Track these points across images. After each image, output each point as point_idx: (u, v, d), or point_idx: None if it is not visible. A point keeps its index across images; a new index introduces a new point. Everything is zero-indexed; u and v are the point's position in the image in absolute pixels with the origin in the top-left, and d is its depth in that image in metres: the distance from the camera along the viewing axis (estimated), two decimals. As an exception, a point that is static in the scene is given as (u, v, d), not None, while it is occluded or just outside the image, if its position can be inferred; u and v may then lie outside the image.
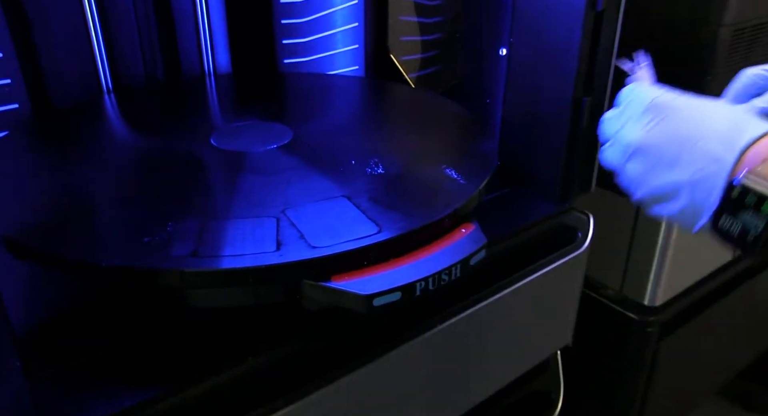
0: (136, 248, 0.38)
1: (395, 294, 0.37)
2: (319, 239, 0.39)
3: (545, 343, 0.63)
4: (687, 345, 1.01)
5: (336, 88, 0.71)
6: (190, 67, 0.73)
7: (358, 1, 0.79)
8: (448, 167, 0.49)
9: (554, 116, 0.58)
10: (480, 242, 0.42)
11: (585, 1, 0.52)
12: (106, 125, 0.59)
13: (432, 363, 0.50)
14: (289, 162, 0.50)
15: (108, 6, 0.66)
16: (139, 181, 0.49)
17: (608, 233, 0.91)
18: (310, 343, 0.43)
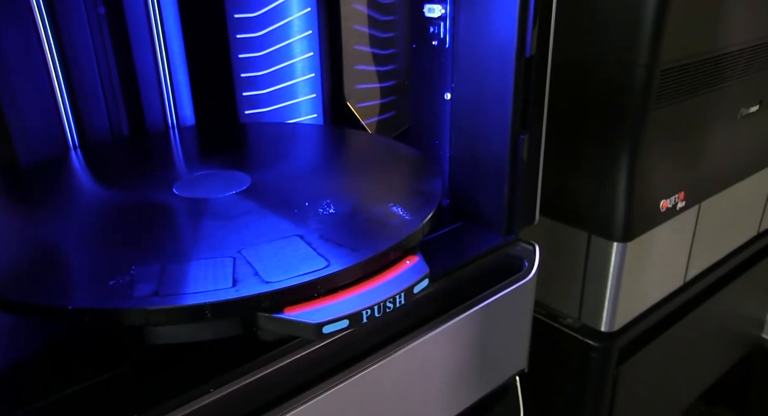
0: (101, 291, 0.41)
1: (343, 321, 0.40)
2: (272, 275, 0.42)
3: (500, 369, 0.66)
4: (646, 369, 1.05)
5: (294, 135, 0.75)
6: (155, 121, 0.77)
7: (315, 54, 0.84)
8: (394, 205, 0.53)
9: (495, 154, 0.62)
10: (422, 272, 0.45)
11: (515, 49, 0.58)
12: (73, 180, 0.62)
13: (388, 390, 0.53)
14: (246, 206, 0.54)
15: (72, 64, 0.69)
16: (104, 231, 0.51)
17: (564, 263, 0.95)
18: (269, 373, 0.45)
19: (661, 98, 0.81)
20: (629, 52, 0.77)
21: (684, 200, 0.94)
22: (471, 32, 0.62)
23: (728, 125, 0.97)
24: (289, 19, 0.81)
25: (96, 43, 0.70)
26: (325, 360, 0.48)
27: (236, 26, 0.78)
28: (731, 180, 1.04)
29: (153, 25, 0.72)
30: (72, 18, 0.67)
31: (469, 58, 0.63)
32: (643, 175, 0.85)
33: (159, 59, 0.75)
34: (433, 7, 0.65)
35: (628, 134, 0.82)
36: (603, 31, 0.79)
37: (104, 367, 0.44)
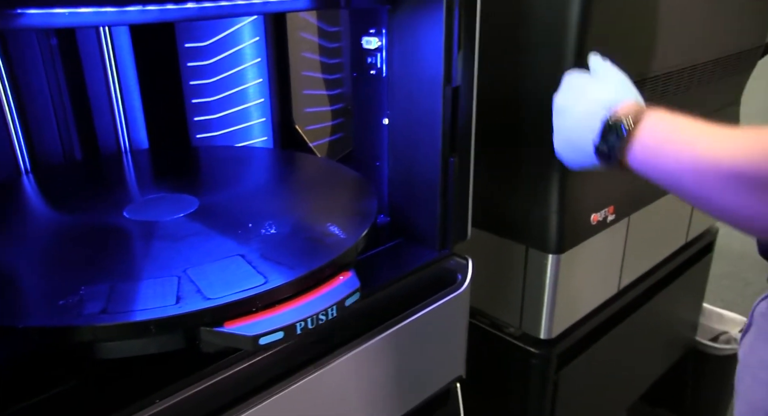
0: (51, 310, 0.44)
1: (278, 333, 0.44)
2: (213, 292, 0.46)
3: (439, 375, 0.71)
4: (586, 373, 1.11)
5: (243, 159, 0.79)
6: (108, 145, 0.80)
7: (264, 80, 0.88)
8: (332, 224, 0.57)
9: (428, 175, 0.67)
10: (353, 287, 0.50)
11: (442, 79, 0.63)
12: (25, 203, 0.65)
13: (329, 397, 0.57)
14: (193, 228, 0.57)
15: (23, 89, 0.72)
16: (56, 252, 0.54)
17: (505, 275, 1.01)
18: (212, 384, 0.49)
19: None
20: (554, 78, 0.83)
21: (614, 213, 1.01)
22: (404, 63, 0.67)
23: (653, 143, 1.05)
24: (239, 47, 0.85)
25: (48, 72, 0.73)
26: (266, 370, 0.52)
27: (187, 55, 0.82)
28: (658, 194, 1.11)
29: (105, 54, 0.76)
30: (24, 48, 0.69)
31: (402, 86, 0.68)
32: (574, 191, 0.91)
33: (111, 86, 0.78)
34: (370, 39, 0.70)
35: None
36: (530, 57, 0.85)
37: (54, 382, 0.47)
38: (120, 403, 0.45)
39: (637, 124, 0.54)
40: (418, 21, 0.63)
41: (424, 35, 0.64)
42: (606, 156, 0.56)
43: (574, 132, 0.60)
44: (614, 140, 0.55)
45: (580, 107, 0.60)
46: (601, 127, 0.56)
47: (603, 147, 0.56)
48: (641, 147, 0.54)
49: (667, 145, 0.52)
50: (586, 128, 0.58)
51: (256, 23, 0.84)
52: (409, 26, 0.65)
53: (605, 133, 0.56)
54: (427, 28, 0.63)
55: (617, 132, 0.55)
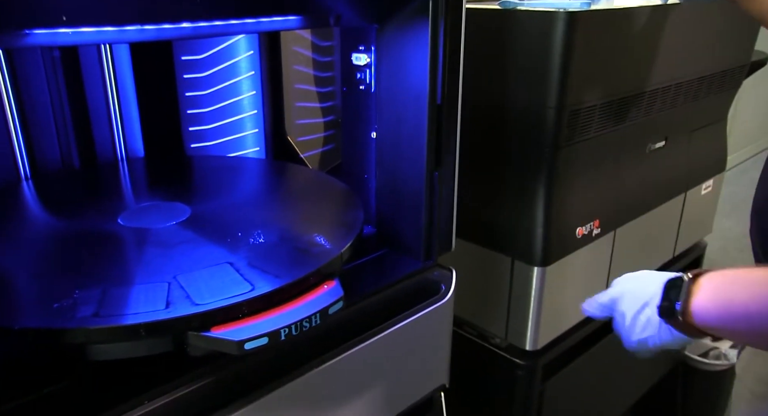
0: (46, 312, 0.46)
1: (263, 339, 0.46)
2: (202, 298, 0.48)
3: (422, 382, 0.73)
4: (571, 385, 1.13)
5: (235, 169, 0.81)
6: (105, 153, 0.82)
7: (257, 92, 0.91)
8: (318, 235, 0.59)
9: (413, 187, 0.70)
10: (337, 295, 0.52)
11: (427, 96, 0.65)
12: (24, 209, 0.67)
13: (313, 402, 0.59)
14: (185, 236, 0.59)
15: (25, 98, 0.74)
16: (51, 258, 0.57)
17: (492, 286, 1.03)
18: (198, 387, 0.51)
19: (571, 136, 0.90)
20: (539, 96, 0.86)
21: (599, 227, 1.03)
22: (391, 80, 0.69)
23: (638, 159, 1.07)
24: (234, 60, 0.87)
25: (50, 82, 0.75)
26: (251, 376, 0.54)
27: (183, 67, 0.85)
28: (643, 208, 1.14)
29: (105, 66, 0.78)
30: (27, 60, 0.72)
31: (390, 102, 0.70)
32: (559, 205, 0.94)
33: (110, 97, 0.80)
34: (359, 55, 0.72)
35: (543, 168, 0.90)
36: (516, 77, 0.88)
37: (47, 382, 0.49)
38: (110, 404, 0.47)
39: (697, 278, 0.55)
40: (405, 40, 0.66)
41: (410, 53, 0.66)
42: (668, 311, 0.56)
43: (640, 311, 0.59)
44: (675, 295, 0.55)
45: (639, 292, 0.60)
46: (663, 288, 0.57)
47: (665, 303, 0.56)
48: (706, 296, 0.53)
49: (734, 287, 0.52)
50: (653, 299, 0.58)
51: (250, 38, 0.87)
52: (397, 44, 0.67)
53: (667, 291, 0.56)
54: (414, 46, 0.65)
55: (678, 286, 0.55)
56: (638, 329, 0.59)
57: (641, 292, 0.59)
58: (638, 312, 0.59)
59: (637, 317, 0.59)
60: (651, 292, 0.58)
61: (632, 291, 0.61)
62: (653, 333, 0.58)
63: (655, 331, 0.58)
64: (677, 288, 0.55)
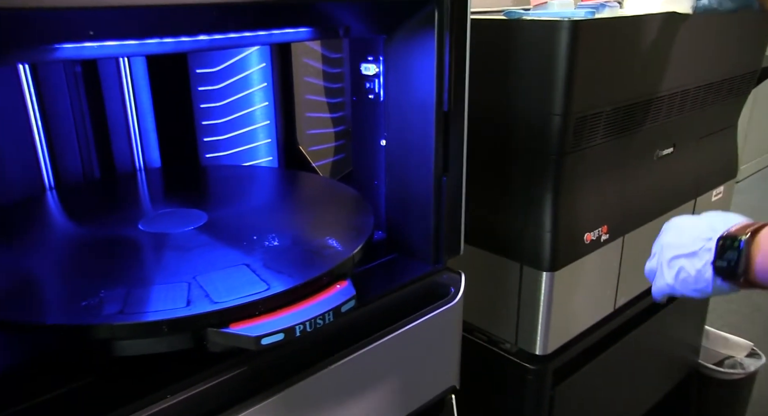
0: (75, 310, 0.48)
1: (279, 335, 0.49)
2: (220, 296, 0.50)
3: (433, 383, 0.74)
4: (582, 390, 1.13)
5: (249, 177, 0.84)
6: (124, 164, 0.85)
7: (270, 103, 0.93)
8: (330, 238, 0.62)
9: (422, 193, 0.72)
10: (349, 294, 0.54)
11: (434, 104, 0.68)
12: (50, 217, 0.70)
13: (326, 400, 0.61)
14: (202, 240, 0.62)
15: (49, 112, 0.77)
16: (78, 261, 0.59)
17: (501, 292, 1.05)
18: (215, 384, 0.53)
19: (578, 142, 0.92)
20: (545, 104, 0.88)
21: (607, 233, 1.05)
22: (399, 89, 0.72)
23: (646, 165, 1.09)
24: (247, 72, 0.91)
25: (72, 97, 0.79)
26: (266, 373, 0.56)
27: (198, 79, 0.88)
28: (652, 214, 1.15)
29: (124, 80, 0.81)
30: (52, 75, 0.75)
31: (398, 110, 0.73)
32: (566, 211, 0.95)
33: (128, 109, 0.83)
34: (368, 65, 0.75)
35: (550, 175, 0.92)
36: (522, 85, 0.90)
37: (74, 377, 0.51)
38: (133, 398, 0.49)
39: (755, 235, 0.54)
40: (412, 49, 0.68)
41: (417, 63, 0.69)
42: (727, 272, 0.56)
43: (687, 261, 0.59)
44: (733, 256, 0.54)
45: (686, 238, 0.59)
46: (716, 246, 0.56)
47: (722, 263, 0.56)
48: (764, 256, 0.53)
49: None
50: (700, 253, 0.57)
51: (262, 50, 0.90)
52: (404, 54, 0.70)
53: (721, 251, 0.56)
54: (420, 56, 0.67)
55: (735, 245, 0.54)
56: (674, 279, 0.59)
57: (684, 241, 0.59)
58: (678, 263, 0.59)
59: (678, 268, 0.59)
60: (695, 245, 0.57)
61: (674, 242, 0.60)
62: (699, 287, 0.58)
63: (701, 285, 0.57)
64: (734, 249, 0.54)
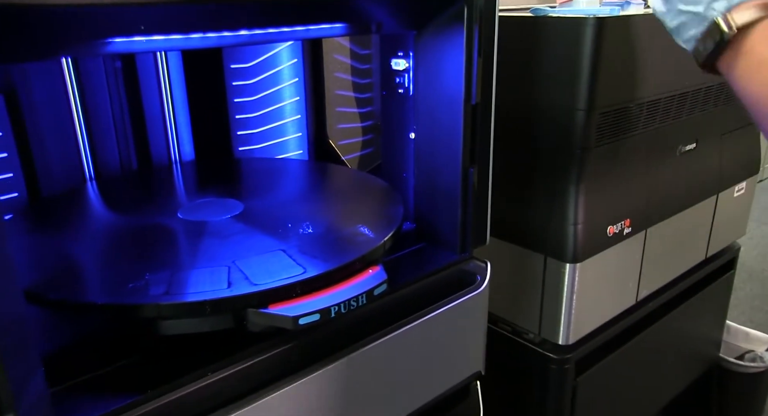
0: (123, 291, 0.51)
1: (315, 315, 0.51)
2: (259, 279, 0.53)
3: (459, 369, 0.76)
4: (605, 381, 1.15)
5: (282, 169, 0.87)
6: (160, 157, 0.88)
7: (301, 98, 0.96)
8: (362, 226, 0.64)
9: (450, 184, 0.74)
10: (381, 279, 0.56)
11: (462, 97, 0.70)
12: (92, 206, 0.73)
13: (355, 381, 0.63)
14: (239, 227, 0.65)
15: (90, 106, 0.81)
16: (122, 247, 0.62)
17: (525, 283, 1.06)
18: (254, 364, 0.55)
19: (602, 137, 0.93)
20: (569, 99, 0.90)
21: (630, 227, 1.06)
22: (428, 83, 0.74)
23: (668, 161, 1.10)
24: (279, 68, 0.93)
25: (112, 92, 0.82)
26: (303, 351, 0.59)
27: (232, 75, 0.91)
28: (675, 209, 1.15)
29: (161, 75, 0.84)
30: (93, 71, 0.78)
31: (427, 104, 0.75)
32: (589, 204, 0.97)
33: (165, 104, 0.86)
34: (398, 61, 0.77)
35: (573, 169, 0.94)
36: (546, 80, 0.92)
37: (120, 356, 0.54)
38: (176, 375, 0.52)
39: (745, 30, 0.48)
40: (442, 45, 0.70)
41: (446, 57, 0.71)
42: (698, 56, 0.52)
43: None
44: (710, 45, 0.50)
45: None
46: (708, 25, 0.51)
47: (700, 47, 0.51)
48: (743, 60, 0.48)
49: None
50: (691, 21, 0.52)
51: (294, 46, 0.92)
52: (433, 49, 0.72)
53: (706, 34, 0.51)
54: (449, 51, 0.69)
55: (719, 34, 0.49)
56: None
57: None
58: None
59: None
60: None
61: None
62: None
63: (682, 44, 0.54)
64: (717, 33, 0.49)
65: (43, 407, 0.44)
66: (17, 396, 0.41)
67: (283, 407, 0.56)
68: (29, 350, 0.43)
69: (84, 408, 0.48)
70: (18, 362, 0.42)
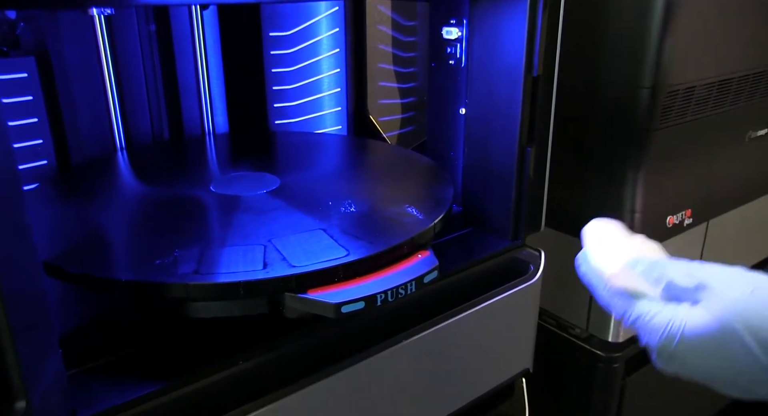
0: (149, 268, 0.46)
1: (359, 303, 0.46)
2: (298, 260, 0.48)
3: (506, 366, 0.70)
4: (655, 382, 1.08)
5: (322, 144, 0.81)
6: (192, 127, 0.84)
7: (341, 70, 0.90)
8: (409, 206, 0.58)
9: (504, 164, 0.68)
10: (432, 264, 0.51)
11: (523, 69, 0.63)
12: (122, 176, 0.69)
13: (399, 376, 0.58)
14: (276, 204, 0.59)
15: (123, 76, 0.76)
16: (150, 220, 0.58)
17: (573, 275, 0.99)
18: (289, 352, 0.50)
19: (666, 119, 0.85)
20: (634, 76, 0.82)
21: (691, 217, 0.98)
22: (484, 53, 0.67)
23: (736, 147, 1.01)
24: (319, 38, 0.87)
25: (145, 57, 0.77)
26: (339, 345, 0.54)
27: (271, 43, 0.85)
28: (739, 200, 1.07)
29: (196, 41, 0.79)
30: (126, 34, 0.74)
31: (482, 76, 0.68)
32: (649, 192, 0.89)
33: (200, 72, 0.82)
34: (450, 29, 0.71)
35: (634, 152, 0.86)
36: (609, 55, 0.84)
37: (144, 339, 0.49)
38: (204, 361, 0.48)
39: None
40: (501, 11, 0.64)
41: (506, 25, 0.64)
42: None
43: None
44: None
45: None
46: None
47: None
48: None
49: None
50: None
51: (336, 15, 0.86)
52: (491, 16, 0.65)
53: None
54: (510, 18, 0.63)
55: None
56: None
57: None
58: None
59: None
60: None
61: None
62: None
63: None
64: None
65: (59, 394, 0.40)
66: (31, 381, 0.36)
67: (318, 400, 0.51)
68: (46, 329, 0.39)
69: (100, 396, 0.43)
70: (33, 342, 0.37)
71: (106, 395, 0.44)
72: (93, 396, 0.44)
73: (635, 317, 0.39)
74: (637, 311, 0.39)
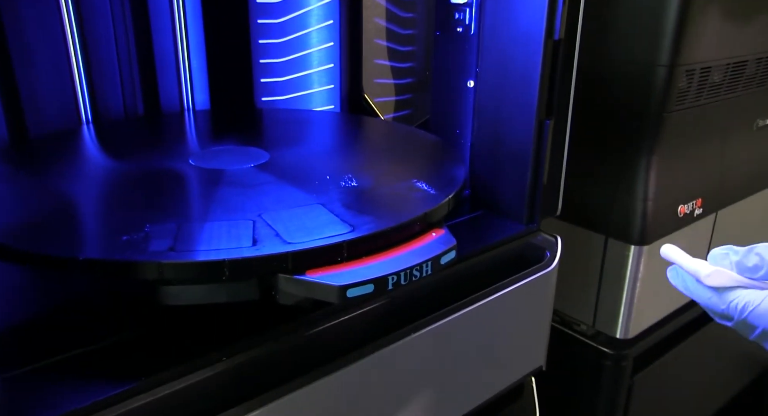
0: (114, 245, 0.39)
1: (368, 286, 0.38)
2: (294, 236, 0.40)
3: (518, 363, 0.64)
4: (662, 380, 1.02)
5: (314, 120, 0.74)
6: (169, 102, 0.76)
7: (334, 44, 0.83)
8: (419, 181, 0.51)
9: (519, 140, 0.61)
10: (450, 243, 0.43)
11: (543, 31, 0.57)
12: (86, 150, 0.61)
13: (408, 371, 0.51)
14: (265, 178, 0.52)
15: (90, 41, 0.68)
16: (118, 196, 0.50)
17: (579, 268, 0.93)
18: (282, 347, 0.43)
19: (681, 101, 0.80)
20: (650, 53, 0.76)
21: (701, 207, 0.92)
22: (498, 17, 0.61)
23: (745, 136, 0.96)
24: (311, 7, 0.80)
25: (116, 22, 0.69)
26: (339, 338, 0.46)
27: (257, 10, 0.77)
28: (748, 190, 1.02)
29: (175, 7, 0.72)
30: (94, -3, 0.66)
31: (494, 44, 0.62)
32: (663, 179, 0.84)
33: (179, 42, 0.74)
34: (459, -8, 0.64)
35: (647, 136, 0.81)
36: (624, 30, 0.78)
37: (110, 331, 0.42)
38: (180, 359, 0.40)
39: None
40: (518, -33, 0.57)
41: (524, -17, 0.57)
42: None
43: None
44: None
45: None
46: None
47: None
48: None
49: None
50: None
51: (330, -17, 0.79)
52: (508, -27, 0.59)
53: None
54: (530, -27, 0.56)
55: None
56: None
57: None
58: None
59: None
60: None
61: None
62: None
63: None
64: None
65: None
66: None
67: (315, 403, 0.44)
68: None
69: (55, 399, 0.35)
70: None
71: (63, 398, 0.36)
72: (46, 400, 0.36)
73: (743, 306, 0.41)
74: (744, 299, 0.40)
